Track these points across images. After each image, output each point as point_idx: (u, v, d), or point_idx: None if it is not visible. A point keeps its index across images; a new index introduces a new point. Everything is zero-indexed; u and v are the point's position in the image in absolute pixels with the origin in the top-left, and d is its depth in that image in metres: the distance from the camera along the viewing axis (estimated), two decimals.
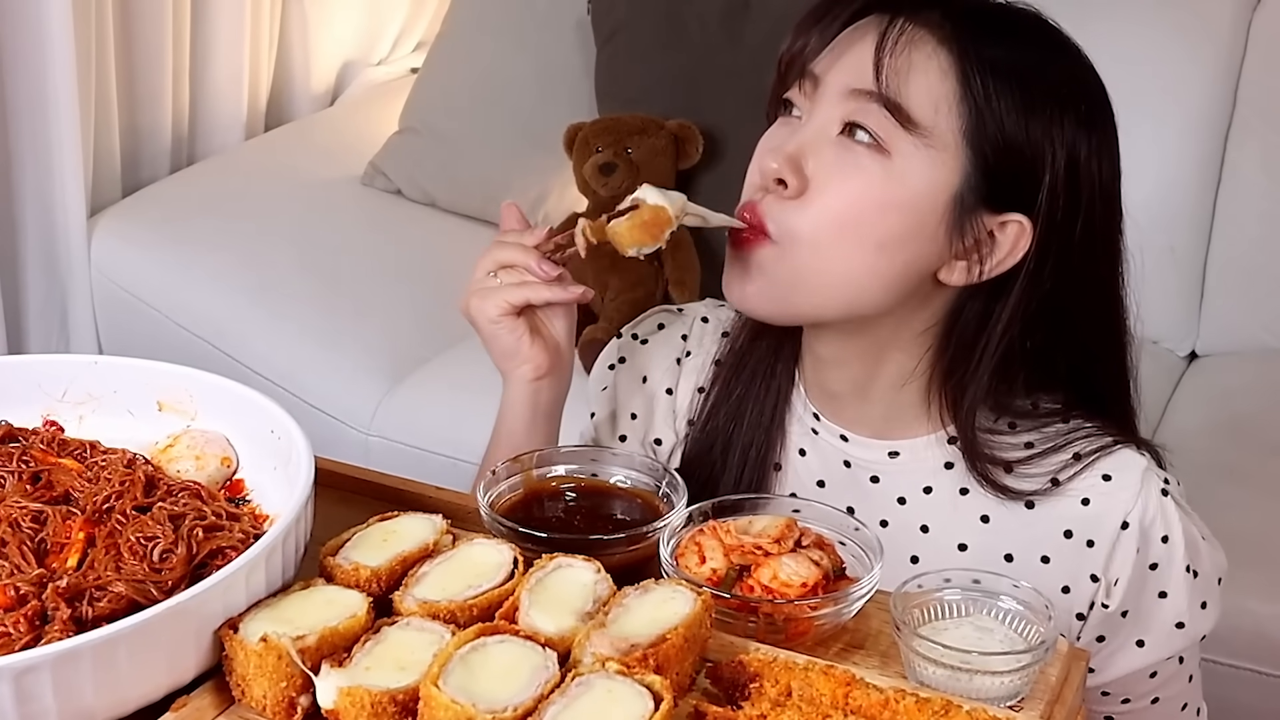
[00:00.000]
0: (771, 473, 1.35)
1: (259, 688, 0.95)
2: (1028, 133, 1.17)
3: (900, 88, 1.16)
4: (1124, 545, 1.24)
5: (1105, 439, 1.26)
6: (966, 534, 1.28)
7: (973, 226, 1.18)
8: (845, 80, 1.18)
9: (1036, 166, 1.18)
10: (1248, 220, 2.49)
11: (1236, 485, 2.09)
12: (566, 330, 1.31)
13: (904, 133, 1.16)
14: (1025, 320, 1.22)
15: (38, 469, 1.12)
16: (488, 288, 1.27)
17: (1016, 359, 1.24)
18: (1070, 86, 1.20)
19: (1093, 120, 1.20)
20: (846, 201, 1.17)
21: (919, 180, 1.17)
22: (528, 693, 0.93)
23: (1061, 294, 1.22)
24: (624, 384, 1.43)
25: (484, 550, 1.08)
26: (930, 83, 1.16)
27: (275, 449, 1.14)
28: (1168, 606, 1.26)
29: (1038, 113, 1.17)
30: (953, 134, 1.17)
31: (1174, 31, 2.52)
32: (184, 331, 2.60)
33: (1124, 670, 1.29)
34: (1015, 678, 1.00)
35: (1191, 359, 2.56)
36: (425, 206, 2.88)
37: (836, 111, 1.19)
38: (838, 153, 1.18)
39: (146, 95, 2.85)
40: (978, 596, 1.06)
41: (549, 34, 2.86)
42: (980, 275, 1.20)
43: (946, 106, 1.16)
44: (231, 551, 1.02)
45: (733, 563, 1.09)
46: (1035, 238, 1.19)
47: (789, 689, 0.97)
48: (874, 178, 1.17)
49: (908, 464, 1.30)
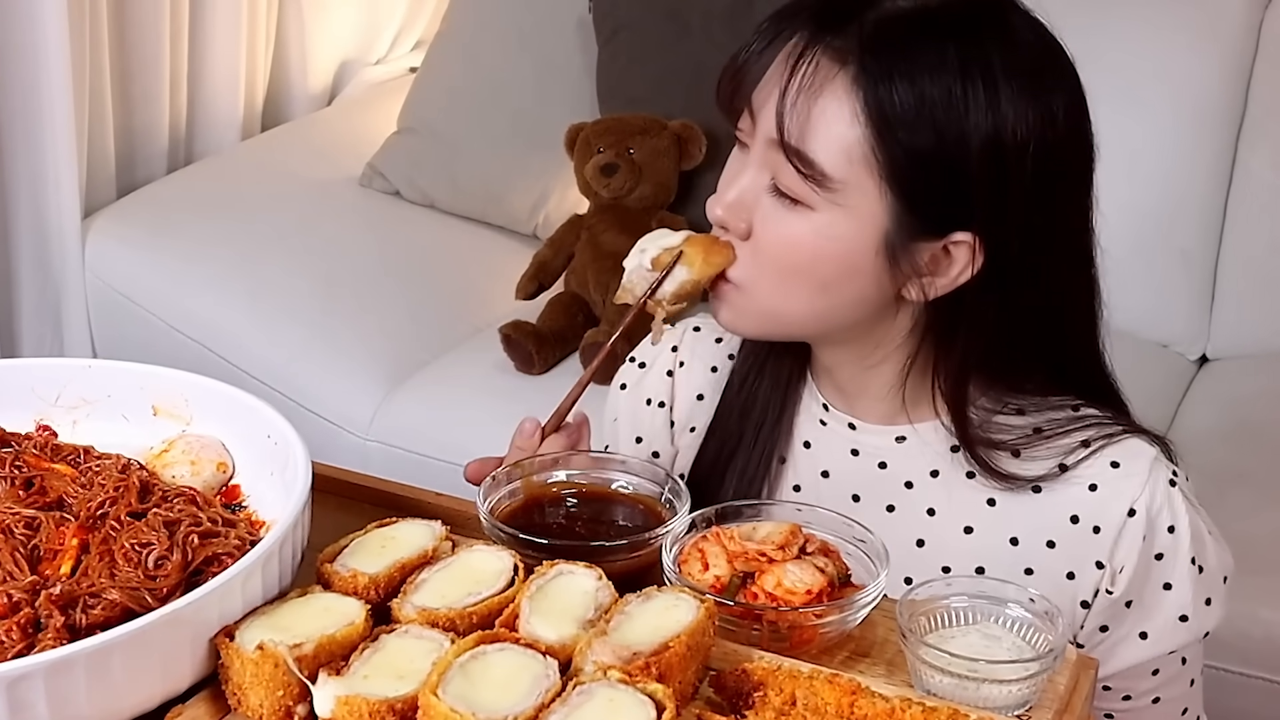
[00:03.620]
0: (776, 466, 1.35)
1: (255, 697, 0.95)
2: (947, 155, 1.14)
3: (805, 140, 1.15)
4: (1130, 532, 1.24)
5: (1114, 428, 1.26)
6: (972, 517, 1.29)
7: (910, 257, 1.18)
8: (766, 128, 1.18)
9: (963, 187, 1.15)
10: (1259, 222, 2.48)
11: (1247, 490, 2.08)
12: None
13: (813, 188, 1.16)
14: (997, 318, 1.22)
15: (31, 474, 1.11)
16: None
17: (1002, 352, 1.25)
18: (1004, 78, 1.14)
19: (1036, 101, 1.15)
20: (782, 252, 1.20)
21: (844, 230, 1.17)
22: (528, 702, 0.92)
23: (1026, 288, 1.21)
24: (628, 413, 1.45)
25: (484, 557, 1.07)
26: (839, 132, 1.14)
27: (272, 454, 1.14)
28: (1172, 598, 1.26)
29: (956, 132, 1.13)
30: (871, 178, 1.15)
31: (1185, 31, 2.51)
32: (179, 335, 2.60)
33: (1126, 663, 1.28)
34: (1023, 686, 0.99)
35: (1202, 363, 2.55)
36: (424, 208, 2.88)
37: (765, 161, 1.19)
38: (770, 204, 1.20)
39: (142, 95, 2.85)
40: (985, 604, 1.06)
41: (550, 33, 2.86)
42: (936, 292, 1.20)
43: (859, 153, 1.14)
44: (227, 558, 1.02)
45: (736, 569, 1.08)
46: (985, 249, 1.18)
47: (793, 698, 0.96)
48: (801, 232, 1.18)
49: (915, 448, 1.30)
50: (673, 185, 2.54)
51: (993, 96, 1.14)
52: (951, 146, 1.13)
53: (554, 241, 2.58)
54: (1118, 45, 2.46)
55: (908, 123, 1.13)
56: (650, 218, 2.51)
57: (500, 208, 2.82)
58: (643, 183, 2.51)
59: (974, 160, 1.14)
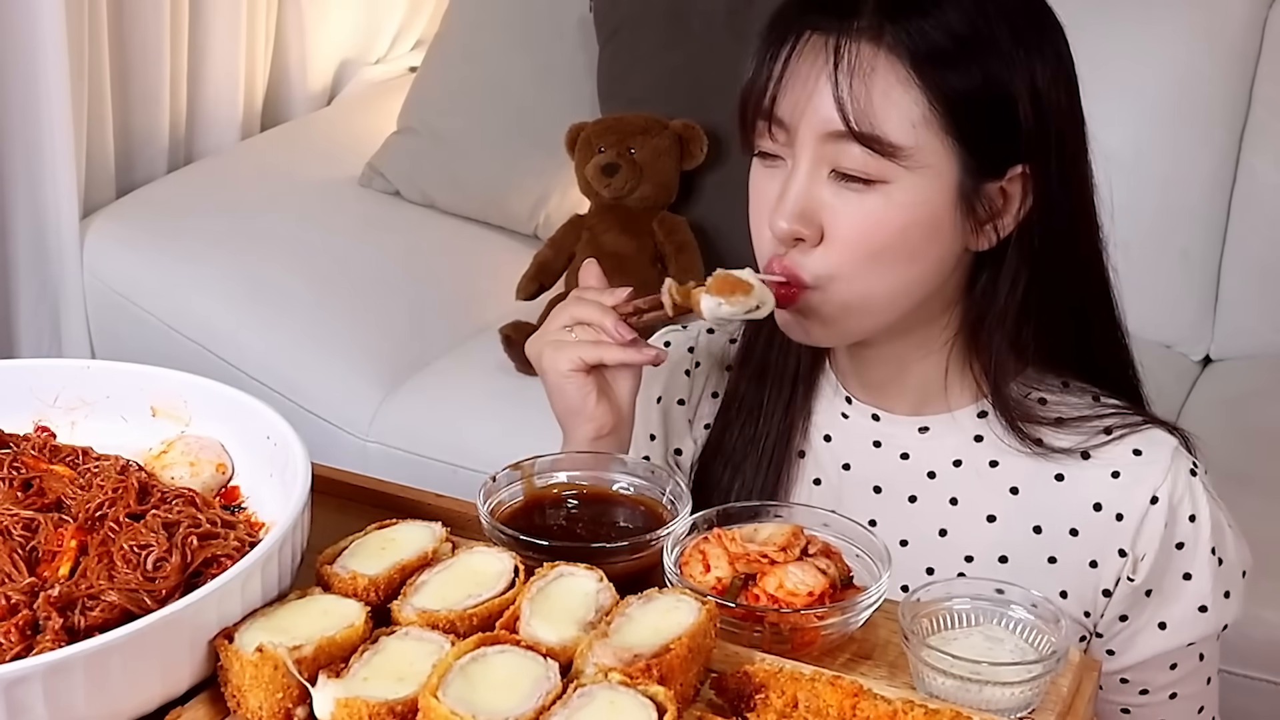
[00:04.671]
0: (795, 460, 1.36)
1: (255, 699, 0.95)
2: (993, 92, 1.19)
3: (872, 121, 1.17)
4: (1152, 520, 1.26)
5: (1136, 417, 1.29)
6: (995, 505, 1.30)
7: (984, 201, 1.21)
8: (817, 127, 1.19)
9: (1011, 118, 1.20)
10: (1263, 222, 2.47)
11: (1251, 492, 2.06)
12: (631, 392, 1.30)
13: (891, 162, 1.18)
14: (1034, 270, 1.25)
15: (29, 476, 1.11)
16: (562, 340, 1.26)
17: (1033, 317, 1.26)
18: (1011, 20, 1.21)
19: (1041, 46, 1.22)
20: (864, 237, 1.20)
21: (924, 192, 1.19)
22: (529, 704, 0.92)
23: (1055, 239, 1.24)
24: (639, 410, 1.42)
25: (484, 559, 1.07)
26: (898, 103, 1.17)
27: (271, 455, 1.13)
28: (1191, 588, 1.27)
29: (994, 66, 1.19)
30: (935, 135, 1.18)
31: (1188, 31, 2.50)
32: (178, 335, 2.59)
33: (1145, 654, 1.29)
34: (1026, 688, 0.99)
35: (1205, 363, 2.54)
36: (424, 208, 2.87)
37: (818, 156, 1.20)
38: (838, 196, 1.20)
39: (141, 94, 2.84)
40: (988, 606, 1.06)
41: (550, 32, 2.85)
42: (1004, 232, 1.23)
43: (920, 117, 1.17)
44: (227, 560, 1.01)
45: (738, 571, 1.08)
46: (1035, 178, 1.22)
47: (795, 700, 0.96)
48: (880, 209, 1.19)
49: (938, 438, 1.32)
50: (674, 185, 2.54)
51: (1013, 28, 1.20)
52: (995, 79, 1.19)
53: (555, 242, 2.58)
54: (1120, 45, 2.45)
55: (954, 68, 1.17)
56: (651, 218, 2.51)
57: (500, 208, 2.81)
58: (644, 183, 2.50)
59: (1016, 89, 1.19)
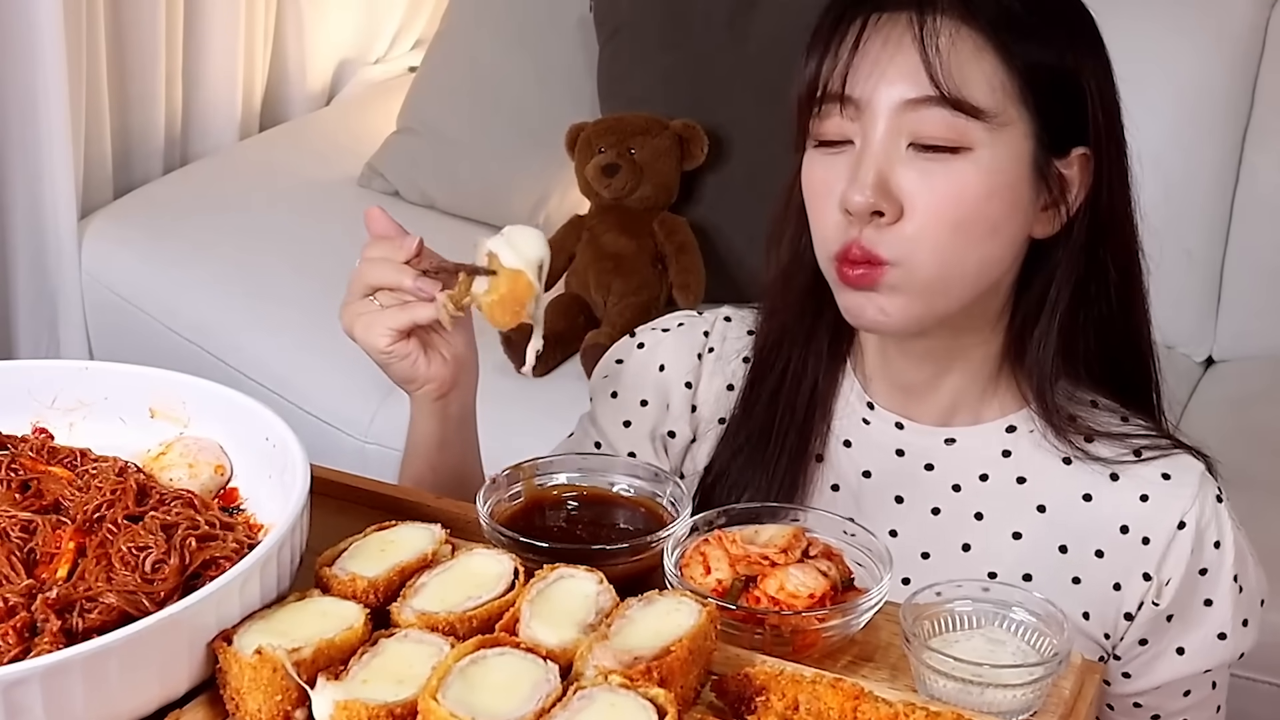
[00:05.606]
0: (813, 464, 1.33)
1: (253, 701, 0.94)
2: (1064, 67, 1.21)
3: (960, 83, 1.17)
4: (1179, 545, 1.25)
5: (1165, 441, 1.28)
6: (1022, 522, 1.28)
7: (1052, 177, 1.22)
8: (895, 95, 1.18)
9: (1080, 95, 1.22)
10: (1266, 223, 2.47)
11: (1255, 494, 2.05)
12: (464, 335, 1.27)
13: (976, 124, 1.17)
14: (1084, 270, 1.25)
15: (27, 477, 1.11)
16: (368, 313, 1.22)
17: (1079, 318, 1.26)
18: (1072, 9, 1.24)
19: (1095, 41, 1.24)
20: (948, 207, 1.18)
21: (1004, 160, 1.19)
22: (528, 706, 0.92)
23: (1105, 233, 1.25)
24: (635, 370, 1.40)
25: (484, 560, 1.07)
26: (981, 66, 1.18)
27: (270, 457, 1.13)
28: (1213, 615, 1.26)
29: (1064, 46, 1.21)
30: (1013, 104, 1.19)
31: (1190, 31, 2.51)
32: (176, 336, 2.59)
33: (1161, 679, 1.29)
34: (1027, 691, 0.99)
35: (1208, 364, 2.54)
36: (424, 209, 2.87)
37: (895, 128, 1.18)
38: (919, 166, 1.18)
39: (138, 94, 2.84)
40: (989, 608, 1.06)
41: (550, 32, 2.85)
42: (1067, 215, 1.23)
43: (999, 82, 1.18)
44: (225, 562, 1.01)
45: (739, 573, 1.08)
46: (1095, 165, 1.23)
47: (796, 702, 0.96)
48: (965, 177, 1.18)
49: (964, 451, 1.30)
50: (674, 185, 2.53)
51: (1080, 16, 1.24)
52: (1066, 54, 1.20)
53: (555, 242, 2.57)
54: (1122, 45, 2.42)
55: (1030, 39, 1.19)
56: (652, 218, 2.51)
57: (500, 208, 2.81)
58: (644, 183, 2.50)
59: (1084, 69, 1.21)
